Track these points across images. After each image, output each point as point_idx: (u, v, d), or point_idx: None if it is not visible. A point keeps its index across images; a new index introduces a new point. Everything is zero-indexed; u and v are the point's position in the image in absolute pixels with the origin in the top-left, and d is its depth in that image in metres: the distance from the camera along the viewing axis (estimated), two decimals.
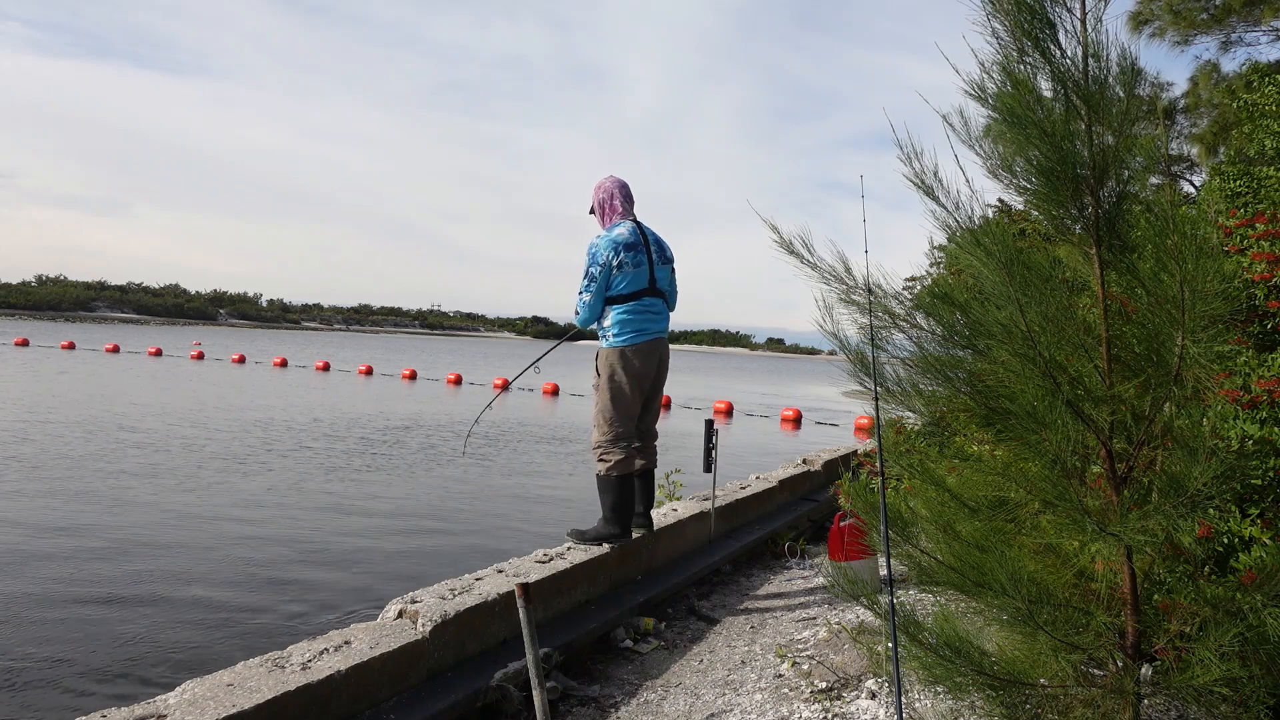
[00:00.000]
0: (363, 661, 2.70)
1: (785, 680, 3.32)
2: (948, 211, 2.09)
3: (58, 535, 7.05)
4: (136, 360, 32.21)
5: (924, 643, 2.15)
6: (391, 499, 9.42)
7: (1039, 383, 1.93)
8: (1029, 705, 2.16)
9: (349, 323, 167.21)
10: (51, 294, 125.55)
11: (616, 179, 4.27)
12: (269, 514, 8.30)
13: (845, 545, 4.47)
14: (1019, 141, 1.90)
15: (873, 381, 2.30)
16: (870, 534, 2.37)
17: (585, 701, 3.31)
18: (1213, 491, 1.83)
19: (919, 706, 2.79)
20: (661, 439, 4.48)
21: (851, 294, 2.30)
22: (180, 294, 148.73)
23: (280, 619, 5.43)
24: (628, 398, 4.06)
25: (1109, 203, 1.94)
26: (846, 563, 4.34)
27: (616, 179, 4.27)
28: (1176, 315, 1.79)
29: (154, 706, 2.33)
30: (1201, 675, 1.92)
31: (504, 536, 8.02)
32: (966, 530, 2.18)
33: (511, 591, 3.33)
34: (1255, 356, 3.12)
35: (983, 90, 1.92)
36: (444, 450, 13.43)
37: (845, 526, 4.47)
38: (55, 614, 5.27)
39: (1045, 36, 1.87)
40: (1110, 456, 2.02)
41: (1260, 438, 2.62)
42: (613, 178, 4.28)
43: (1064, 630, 2.04)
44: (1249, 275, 3.54)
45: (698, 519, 5.06)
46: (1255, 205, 4.50)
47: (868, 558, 4.40)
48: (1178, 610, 2.09)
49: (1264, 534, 2.47)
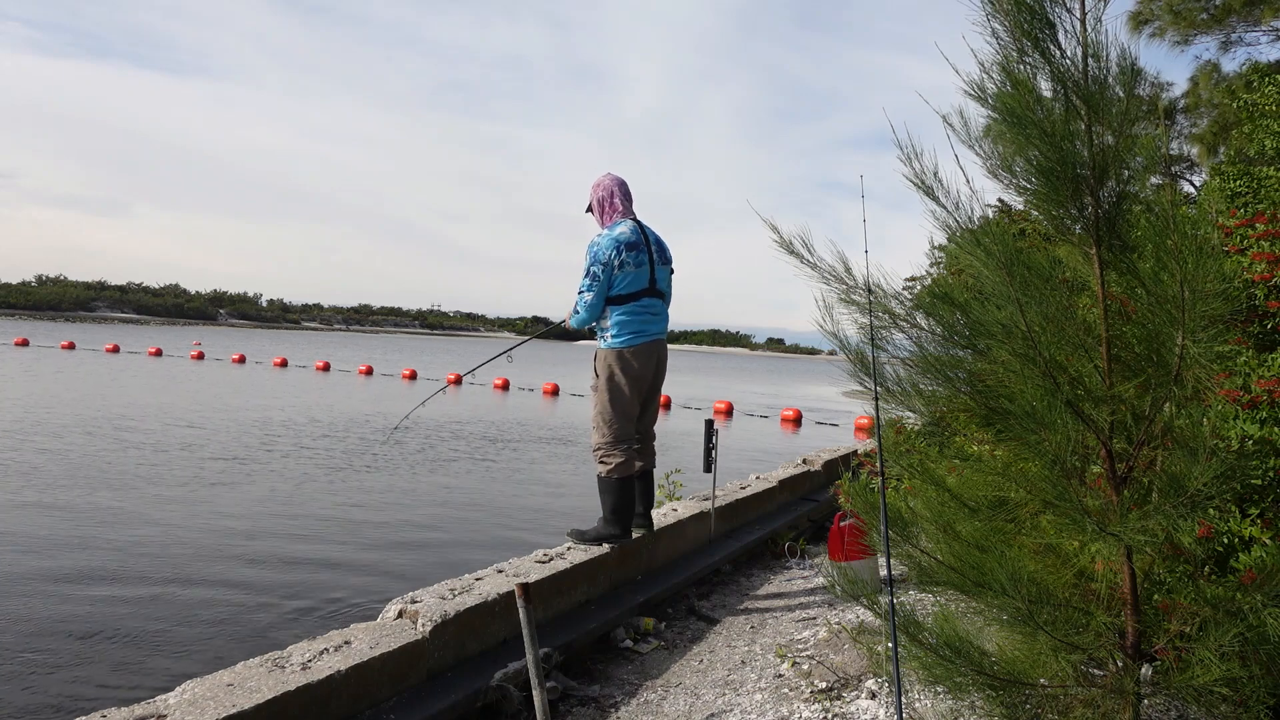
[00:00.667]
0: (363, 661, 2.70)
1: (785, 680, 3.32)
2: (948, 212, 2.09)
3: (57, 535, 7.04)
4: (136, 360, 32.21)
5: (924, 643, 2.15)
6: (392, 499, 9.42)
7: (1039, 383, 1.93)
8: (1029, 705, 2.16)
9: (349, 323, 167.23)
10: (51, 294, 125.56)
11: (615, 176, 4.25)
12: (269, 514, 8.30)
13: (845, 545, 4.47)
14: (1019, 142, 1.90)
15: (873, 381, 2.30)
16: (870, 534, 2.37)
17: (585, 701, 3.31)
18: (1213, 491, 1.83)
19: (919, 706, 2.79)
20: (661, 439, 4.49)
21: (851, 294, 2.30)
22: (180, 294, 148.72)
23: (280, 619, 5.43)
24: (626, 399, 4.06)
25: (1109, 203, 1.94)
26: (846, 563, 4.35)
27: (615, 176, 4.25)
28: (1176, 315, 1.79)
29: (154, 706, 2.33)
30: (1201, 675, 1.92)
31: (504, 536, 8.02)
32: (966, 530, 2.18)
33: (511, 591, 3.33)
34: (1255, 356, 3.12)
35: (982, 90, 1.92)
36: (443, 450, 13.43)
37: (845, 527, 4.48)
38: (55, 614, 5.27)
39: (1045, 37, 1.87)
40: (1110, 456, 2.02)
41: (1260, 438, 2.62)
42: (611, 175, 4.26)
43: (1064, 630, 2.04)
44: (1249, 275, 3.54)
45: (698, 519, 5.05)
46: (1255, 205, 4.50)
47: (868, 558, 4.40)
48: (1178, 610, 2.09)
49: (1264, 534, 2.47)
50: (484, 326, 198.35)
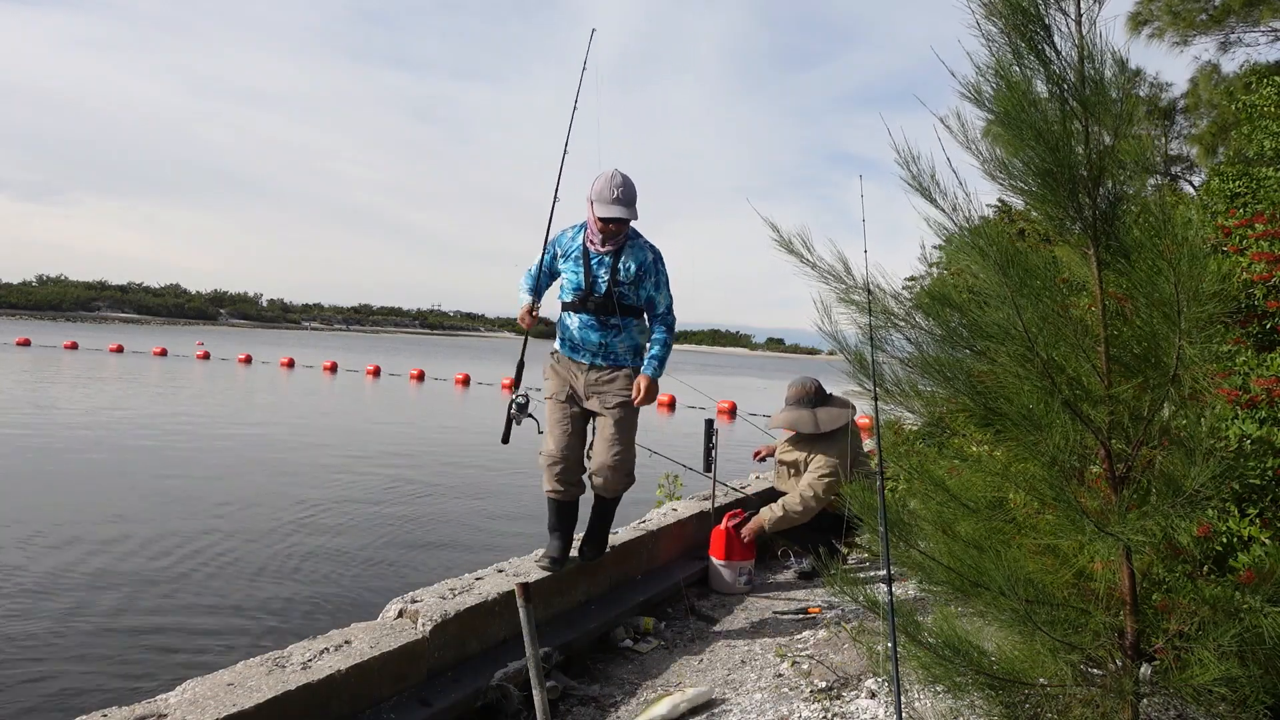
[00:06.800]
0: (363, 661, 2.70)
1: (785, 679, 3.32)
2: (945, 213, 2.10)
3: (58, 536, 7.05)
4: (141, 360, 32.20)
5: (923, 642, 2.15)
6: (392, 499, 9.42)
7: (1036, 383, 1.94)
8: (1028, 705, 2.17)
9: (349, 323, 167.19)
10: (52, 294, 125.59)
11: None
12: (269, 514, 8.30)
13: (728, 546, 4.70)
14: (1015, 144, 1.91)
15: (872, 382, 2.31)
16: (869, 533, 2.37)
17: (585, 701, 3.31)
18: (1210, 491, 1.83)
19: (919, 706, 2.79)
20: (662, 438, 4.49)
21: (850, 294, 2.31)
22: (181, 294, 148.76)
23: (280, 619, 5.44)
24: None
25: (1106, 203, 1.95)
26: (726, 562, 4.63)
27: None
28: (1172, 317, 1.79)
29: (154, 706, 2.34)
30: (1200, 675, 1.92)
31: (504, 536, 8.03)
32: (965, 530, 2.18)
33: (511, 591, 3.34)
34: (1254, 356, 3.13)
35: (979, 93, 1.92)
36: (456, 460, 13.43)
37: (730, 528, 4.69)
38: (56, 614, 5.28)
39: (1040, 38, 1.87)
40: (1109, 457, 2.03)
41: (1259, 437, 2.62)
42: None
43: (1062, 630, 2.04)
44: (1248, 275, 3.55)
45: (698, 519, 5.06)
46: (1254, 205, 4.51)
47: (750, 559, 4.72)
48: (1177, 610, 2.10)
49: (1263, 534, 2.47)
50: (484, 326, 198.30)
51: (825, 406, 5.00)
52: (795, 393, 5.07)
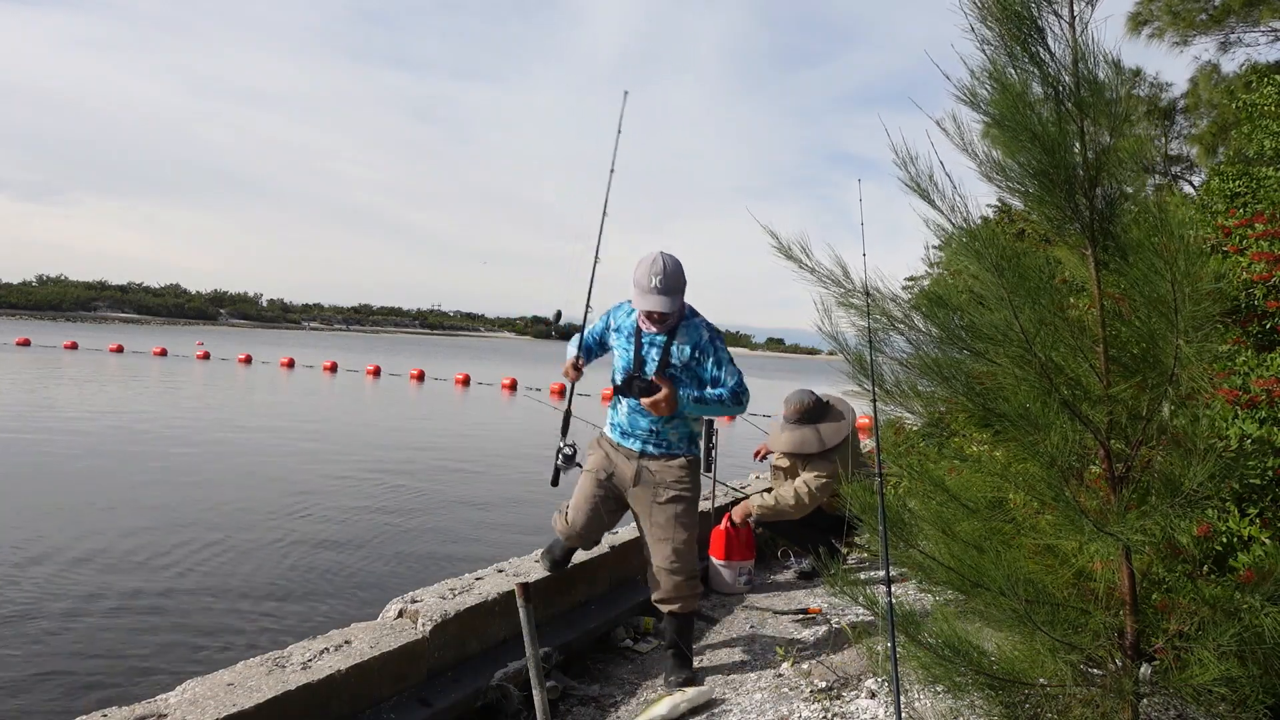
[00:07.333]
0: (363, 661, 2.71)
1: (785, 679, 3.32)
2: (943, 214, 2.10)
3: (58, 536, 7.06)
4: (141, 360, 32.20)
5: (923, 642, 2.15)
6: (393, 500, 9.43)
7: (1035, 384, 1.94)
8: (1028, 705, 2.17)
9: (349, 323, 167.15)
10: (52, 294, 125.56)
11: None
12: (269, 514, 8.31)
13: (729, 546, 4.77)
14: (1011, 145, 1.91)
15: (871, 383, 2.31)
16: (869, 533, 2.37)
17: (585, 701, 3.32)
18: (1209, 491, 1.83)
19: (918, 706, 2.79)
20: None
21: (849, 297, 2.31)
22: (180, 294, 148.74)
23: (280, 619, 5.44)
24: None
25: (1103, 204, 1.95)
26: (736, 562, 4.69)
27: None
28: (1170, 316, 1.79)
29: (154, 706, 2.34)
30: (1200, 675, 1.92)
31: (504, 537, 8.03)
32: (965, 530, 2.19)
33: (511, 591, 3.34)
34: (1254, 356, 3.13)
35: (974, 95, 1.93)
36: (456, 460, 13.44)
37: (730, 528, 4.79)
38: (56, 614, 5.28)
39: (1034, 40, 1.88)
40: (1108, 456, 2.03)
41: (1259, 437, 2.62)
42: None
43: (1062, 630, 2.04)
44: (1249, 275, 3.55)
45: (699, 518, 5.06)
46: (1254, 205, 4.51)
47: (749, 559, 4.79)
48: (1176, 610, 2.10)
49: (1263, 533, 2.47)
50: (484, 326, 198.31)
51: (825, 421, 4.97)
52: (793, 410, 5.01)
